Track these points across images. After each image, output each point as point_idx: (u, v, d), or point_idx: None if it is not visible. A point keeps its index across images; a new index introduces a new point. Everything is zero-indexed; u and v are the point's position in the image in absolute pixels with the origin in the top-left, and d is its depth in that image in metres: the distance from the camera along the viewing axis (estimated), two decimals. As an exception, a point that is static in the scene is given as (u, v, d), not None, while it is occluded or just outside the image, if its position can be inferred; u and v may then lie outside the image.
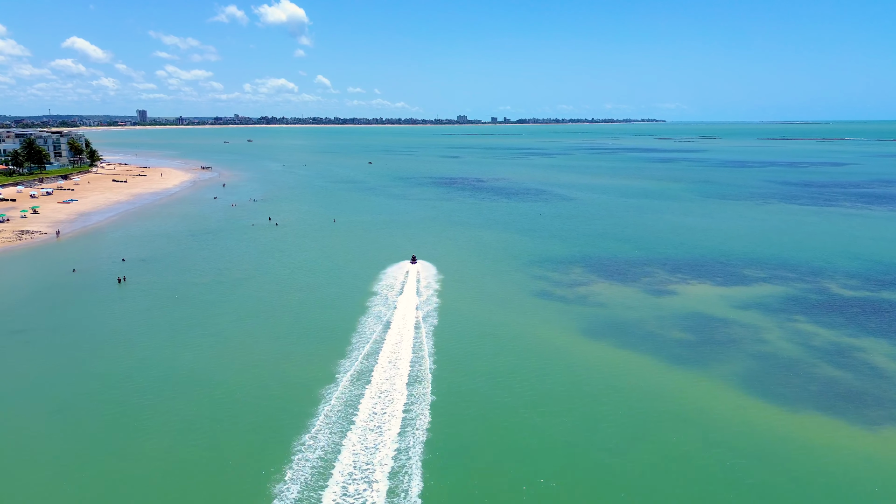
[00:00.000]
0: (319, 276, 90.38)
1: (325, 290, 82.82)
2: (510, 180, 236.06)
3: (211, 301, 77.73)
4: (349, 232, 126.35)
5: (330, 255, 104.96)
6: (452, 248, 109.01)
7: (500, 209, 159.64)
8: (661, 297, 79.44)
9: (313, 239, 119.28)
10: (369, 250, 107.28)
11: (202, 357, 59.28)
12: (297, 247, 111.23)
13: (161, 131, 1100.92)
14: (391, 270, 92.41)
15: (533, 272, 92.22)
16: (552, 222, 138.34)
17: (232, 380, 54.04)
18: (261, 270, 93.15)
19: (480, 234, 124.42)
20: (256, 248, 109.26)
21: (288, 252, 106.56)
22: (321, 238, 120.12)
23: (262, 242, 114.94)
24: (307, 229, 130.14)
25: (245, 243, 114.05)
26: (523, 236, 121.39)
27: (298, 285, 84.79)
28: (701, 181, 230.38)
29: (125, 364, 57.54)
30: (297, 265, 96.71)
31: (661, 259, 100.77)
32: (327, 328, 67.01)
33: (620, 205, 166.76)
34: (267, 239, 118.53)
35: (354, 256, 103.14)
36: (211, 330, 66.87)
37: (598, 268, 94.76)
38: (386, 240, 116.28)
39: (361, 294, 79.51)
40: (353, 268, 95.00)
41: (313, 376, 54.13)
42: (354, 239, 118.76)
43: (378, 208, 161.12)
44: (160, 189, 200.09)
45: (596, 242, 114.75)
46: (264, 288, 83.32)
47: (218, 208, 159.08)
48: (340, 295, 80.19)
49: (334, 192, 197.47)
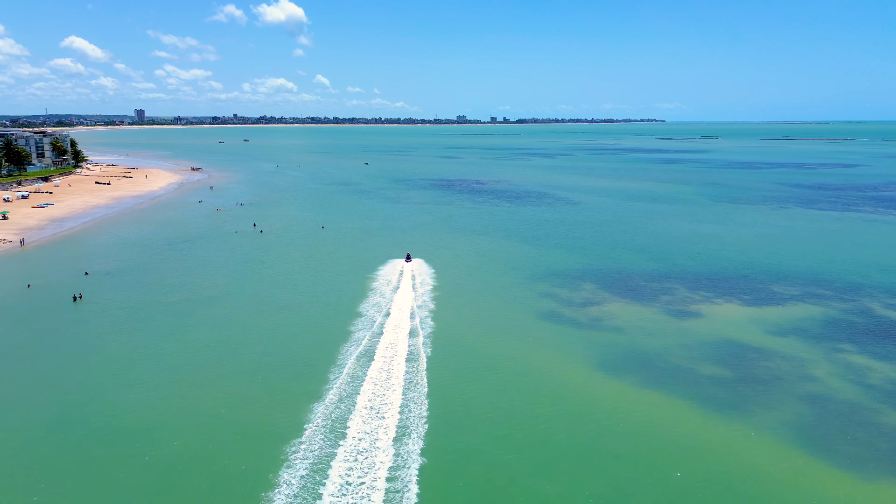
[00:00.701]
0: (300, 294, 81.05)
1: (305, 312, 73.48)
2: (511, 182, 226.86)
3: (175, 325, 68.47)
4: (338, 240, 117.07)
5: (314, 267, 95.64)
6: (450, 259, 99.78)
7: (500, 214, 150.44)
8: (684, 319, 70.19)
9: (298, 248, 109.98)
10: (358, 261, 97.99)
11: (151, 401, 49.98)
12: (280, 258, 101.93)
13: (157, 131, 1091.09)
14: (380, 285, 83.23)
15: (538, 289, 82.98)
16: (557, 229, 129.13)
17: (183, 430, 44.77)
18: (236, 287, 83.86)
19: (480, 242, 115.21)
20: (235, 260, 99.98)
21: (269, 264, 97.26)
22: (307, 247, 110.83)
23: (243, 252, 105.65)
24: (293, 237, 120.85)
25: (224, 253, 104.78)
26: (526, 245, 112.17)
27: (275, 305, 75.44)
28: (709, 184, 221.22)
29: (51, 412, 48.14)
30: (277, 281, 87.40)
31: (679, 272, 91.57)
32: (301, 363, 57.73)
33: (628, 210, 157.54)
34: (248, 248, 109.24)
35: (341, 269, 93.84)
36: (168, 363, 57.58)
37: (610, 283, 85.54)
38: (377, 248, 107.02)
39: (346, 316, 70.23)
40: (339, 282, 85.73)
41: (280, 428, 44.86)
42: (343, 248, 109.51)
43: (371, 213, 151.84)
44: (144, 192, 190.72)
45: (605, 253, 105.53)
46: (237, 308, 74.00)
47: (201, 213, 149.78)
48: (322, 318, 70.90)
49: (326, 195, 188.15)
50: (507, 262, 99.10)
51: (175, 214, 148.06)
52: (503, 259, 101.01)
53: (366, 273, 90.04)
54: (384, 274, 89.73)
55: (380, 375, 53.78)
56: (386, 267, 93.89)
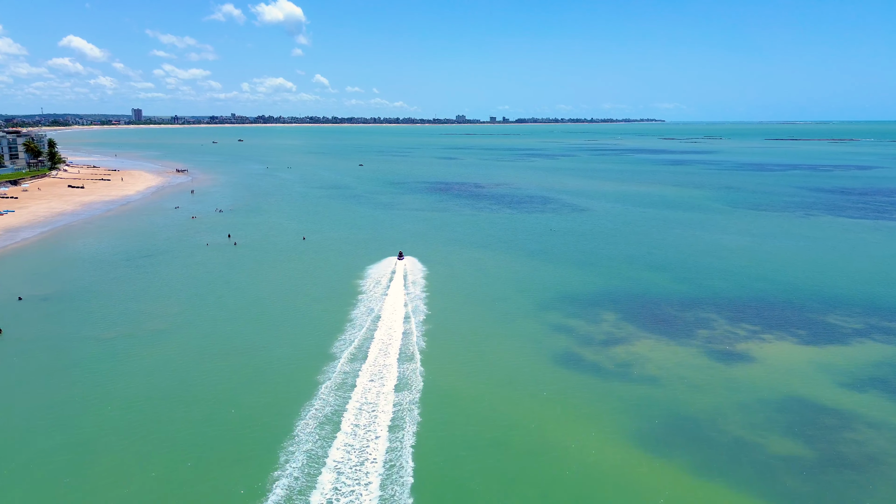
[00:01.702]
0: (263, 329, 67.90)
1: (267, 355, 60.32)
2: (512, 186, 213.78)
3: (106, 371, 55.41)
4: (319, 254, 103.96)
5: (287, 292, 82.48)
6: (445, 277, 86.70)
7: (502, 222, 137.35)
8: (732, 365, 57.13)
9: (273, 265, 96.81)
10: (338, 282, 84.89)
11: (59, 489, 36.90)
12: (250, 278, 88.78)
13: (153, 131, 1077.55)
14: (360, 314, 70.18)
15: (550, 320, 69.92)
16: (565, 241, 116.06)
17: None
18: (190, 317, 70.72)
19: (480, 256, 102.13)
20: (199, 280, 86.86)
21: (235, 286, 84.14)
22: (282, 264, 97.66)
23: (210, 270, 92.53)
24: (270, 250, 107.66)
25: (188, 272, 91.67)
26: (533, 260, 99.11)
27: (230, 346, 62.26)
28: (723, 187, 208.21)
29: None
30: (240, 310, 74.24)
31: (712, 297, 78.53)
32: (253, 438, 44.63)
33: (641, 217, 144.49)
34: (217, 265, 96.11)
35: (318, 293, 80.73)
36: (83, 435, 44.50)
37: (634, 312, 72.47)
38: (363, 264, 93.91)
39: (315, 360, 57.17)
40: (315, 312, 72.63)
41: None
42: (323, 264, 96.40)
43: (360, 221, 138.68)
44: (118, 196, 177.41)
45: (623, 270, 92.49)
46: (182, 350, 60.87)
47: (175, 221, 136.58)
48: (287, 364, 57.81)
49: (314, 201, 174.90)
50: (511, 282, 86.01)
51: (145, 223, 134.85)
52: (507, 279, 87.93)
53: (346, 299, 76.95)
54: (368, 298, 76.69)
55: (359, 438, 40.77)
56: (372, 288, 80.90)
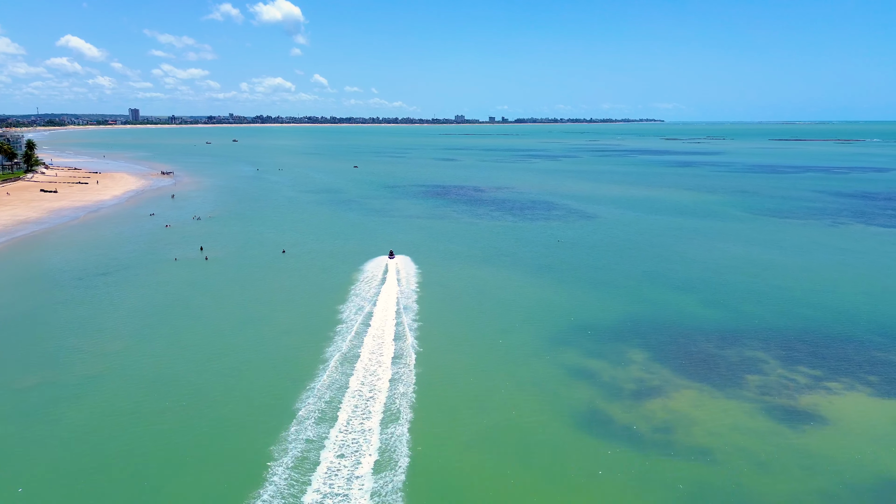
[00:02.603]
0: (223, 373, 55.92)
1: (222, 411, 48.38)
2: (513, 189, 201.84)
3: (7, 439, 43.44)
4: (298, 271, 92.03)
5: (257, 320, 70.48)
6: (440, 299, 74.78)
7: (504, 232, 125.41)
8: (801, 430, 45.17)
9: (244, 286, 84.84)
10: (316, 308, 72.96)
11: None
12: (215, 303, 76.82)
13: (148, 131, 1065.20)
14: (336, 353, 58.30)
15: (564, 360, 58.01)
16: (575, 254, 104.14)
17: None
18: (133, 357, 58.76)
19: (480, 274, 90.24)
20: (154, 306, 74.86)
21: (196, 313, 72.18)
22: (257, 283, 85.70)
23: (170, 292, 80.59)
24: (244, 266, 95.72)
25: (146, 294, 79.74)
26: (540, 280, 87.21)
27: (177, 400, 50.25)
28: (738, 191, 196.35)
29: None
30: (197, 346, 62.28)
31: (753, 328, 66.65)
32: None
33: (656, 226, 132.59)
34: (181, 285, 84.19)
35: (291, 323, 68.81)
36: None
37: (664, 348, 60.57)
38: (347, 282, 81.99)
39: (281, 414, 45.24)
40: (285, 347, 60.73)
41: None
42: (301, 284, 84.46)
43: (349, 230, 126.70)
44: (92, 201, 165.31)
45: (644, 292, 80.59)
46: (118, 400, 48.92)
47: (146, 231, 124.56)
48: (248, 423, 45.87)
49: (301, 207, 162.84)
50: (516, 308, 74.05)
51: (112, 233, 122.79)
52: (511, 304, 75.96)
53: (322, 331, 64.98)
54: (348, 329, 64.78)
55: None
56: (353, 315, 68.98)
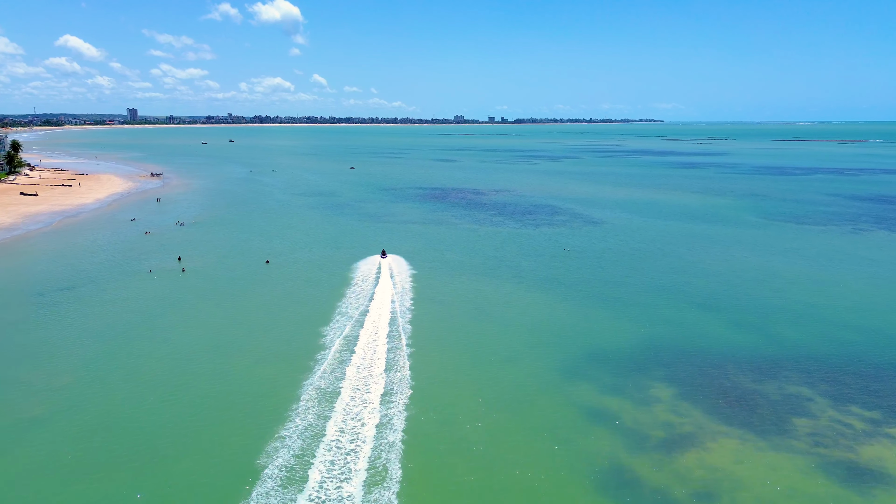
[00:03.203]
0: (183, 414, 47.92)
1: (183, 464, 40.33)
2: (514, 192, 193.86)
3: None
4: (281, 285, 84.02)
5: (228, 347, 62.49)
6: (436, 317, 66.81)
7: (505, 239, 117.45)
8: (871, 497, 37.18)
9: (220, 301, 76.83)
10: (297, 331, 65.01)
11: None
12: (184, 324, 68.81)
13: (145, 131, 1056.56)
14: (317, 387, 50.41)
15: (578, 397, 50.07)
16: (583, 265, 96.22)
17: None
18: (79, 396, 50.75)
19: (480, 287, 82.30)
20: (115, 328, 66.84)
21: (161, 337, 64.15)
22: (234, 300, 77.69)
23: (137, 311, 72.57)
24: (223, 279, 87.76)
25: (109, 312, 71.76)
26: (546, 295, 79.27)
27: (129, 451, 42.22)
28: (748, 194, 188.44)
29: None
30: (155, 380, 54.27)
31: (790, 355, 58.77)
32: None
33: (666, 232, 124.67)
34: (149, 302, 76.18)
35: (268, 352, 60.86)
36: None
37: (693, 381, 52.64)
38: (333, 298, 74.00)
39: (246, 473, 37.27)
40: (257, 377, 52.78)
41: None
42: (284, 302, 76.46)
43: (339, 237, 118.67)
44: (72, 205, 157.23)
45: (663, 310, 72.63)
46: (56, 451, 40.87)
47: (123, 238, 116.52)
48: (210, 482, 37.87)
49: (291, 211, 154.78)
50: (520, 331, 66.09)
51: (87, 240, 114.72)
52: (515, 325, 67.99)
53: (303, 360, 57.02)
54: (329, 355, 56.88)
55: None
56: (336, 340, 61.06)
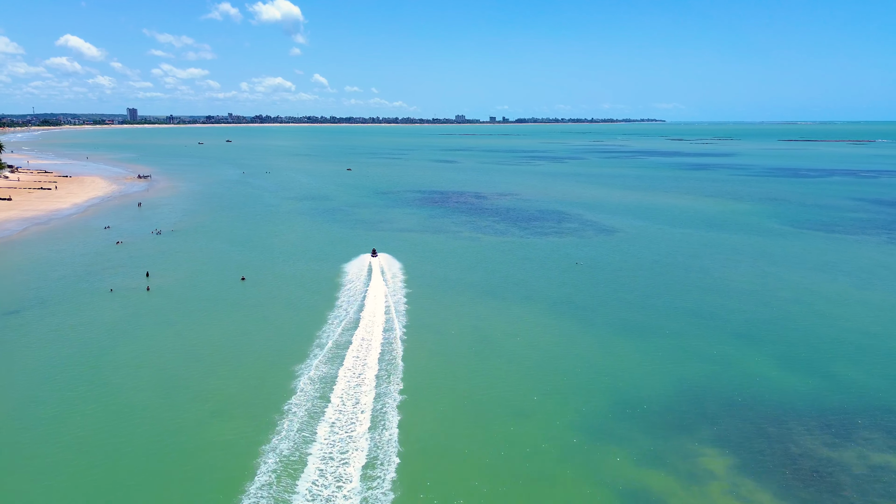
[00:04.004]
0: (123, 479, 37.48)
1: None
2: (518, 196, 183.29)
3: None
4: (255, 307, 73.58)
5: (188, 386, 52.05)
6: (432, 352, 56.36)
7: (511, 250, 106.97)
8: None
9: (183, 329, 66.40)
10: (267, 368, 54.57)
11: None
12: (136, 360, 58.33)
13: (144, 131, 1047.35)
14: (280, 447, 40.04)
15: (607, 468, 39.60)
16: (598, 282, 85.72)
17: None
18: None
19: (482, 313, 71.84)
20: (55, 362, 56.48)
21: (103, 378, 53.70)
22: (199, 327, 67.26)
23: (86, 341, 62.15)
24: (191, 299, 77.42)
25: (53, 341, 61.44)
26: (560, 321, 68.78)
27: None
28: (766, 198, 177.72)
29: None
30: (90, 434, 43.86)
31: (867, 408, 48.41)
32: None
33: (687, 242, 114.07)
34: (102, 329, 65.79)
35: (230, 395, 50.42)
36: None
37: (751, 446, 42.17)
38: (311, 326, 63.58)
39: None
40: (212, 434, 42.34)
41: None
42: (256, 328, 66.00)
43: (327, 247, 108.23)
44: (46, 211, 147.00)
45: (698, 342, 62.12)
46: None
47: (92, 249, 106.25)
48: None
49: (279, 217, 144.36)
50: (532, 370, 55.61)
51: (50, 252, 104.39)
52: (525, 362, 57.48)
53: (269, 407, 46.61)
54: (302, 404, 46.52)
55: None
56: (311, 388, 50.65)
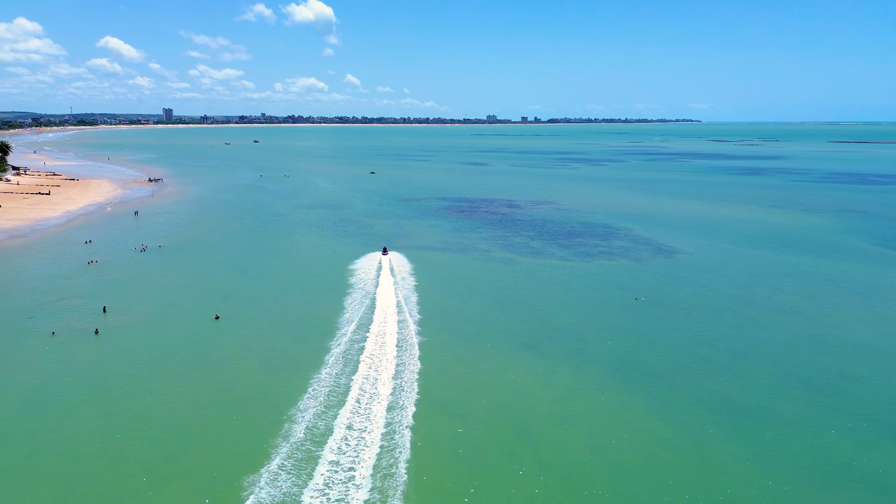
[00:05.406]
0: None
1: None
2: (556, 205, 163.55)
3: None
4: (226, 360, 56.09)
5: (124, 484, 34.65)
6: (453, 444, 38.17)
7: (551, 278, 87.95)
8: None
9: (123, 397, 49.17)
10: (231, 454, 36.89)
11: None
12: (55, 447, 41.23)
13: (175, 130, 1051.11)
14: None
15: None
16: (671, 329, 66.20)
17: None
18: None
19: (517, 381, 53.23)
20: None
21: (6, 479, 36.69)
22: (146, 392, 49.96)
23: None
24: (148, 347, 60.38)
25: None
26: (628, 400, 49.80)
27: None
28: (842, 210, 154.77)
29: None
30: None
31: None
32: None
33: (768, 269, 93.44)
34: (20, 395, 49.04)
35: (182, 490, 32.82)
36: None
37: None
38: (294, 389, 45.88)
39: None
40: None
41: None
42: (219, 396, 48.47)
43: (329, 272, 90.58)
44: (32, 220, 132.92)
45: (837, 442, 42.65)
46: None
47: (57, 272, 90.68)
48: None
49: (284, 230, 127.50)
50: (593, 476, 36.77)
51: (9, 274, 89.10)
52: (587, 477, 38.65)
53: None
54: None
55: None
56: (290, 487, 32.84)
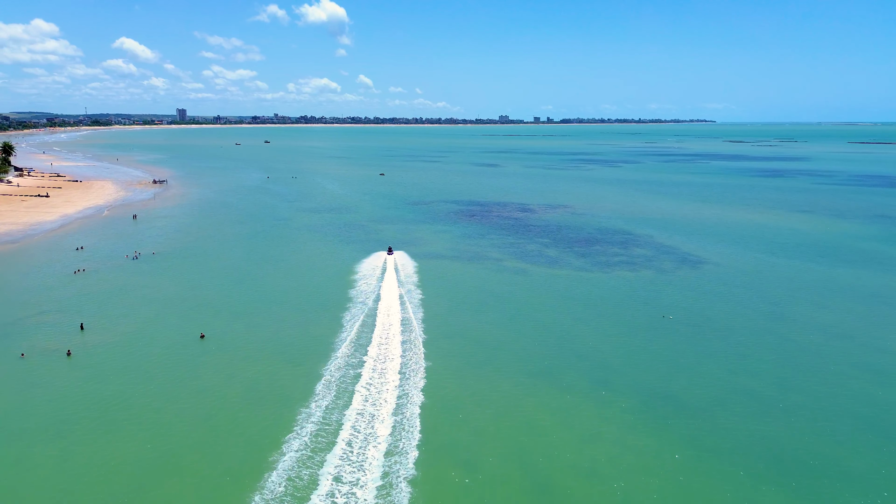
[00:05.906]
0: None
1: None
2: (571, 210, 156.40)
3: None
4: (209, 389, 49.97)
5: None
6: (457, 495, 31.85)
7: (568, 292, 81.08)
8: None
9: (88, 430, 43.09)
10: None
11: None
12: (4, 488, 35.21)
13: (187, 131, 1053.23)
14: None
15: None
16: (704, 353, 59.17)
17: None
18: None
19: (536, 417, 46.53)
20: None
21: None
22: (116, 424, 43.83)
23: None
24: (123, 372, 54.38)
25: None
26: (669, 442, 42.99)
27: None
28: (875, 216, 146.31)
29: None
30: None
31: None
32: None
33: (806, 283, 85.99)
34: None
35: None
36: None
37: None
38: (281, 423, 39.62)
39: None
40: None
41: None
42: (199, 431, 42.27)
43: (328, 284, 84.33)
44: (26, 224, 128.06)
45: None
46: None
47: (40, 282, 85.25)
48: None
49: (286, 236, 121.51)
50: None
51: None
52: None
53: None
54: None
55: None
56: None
